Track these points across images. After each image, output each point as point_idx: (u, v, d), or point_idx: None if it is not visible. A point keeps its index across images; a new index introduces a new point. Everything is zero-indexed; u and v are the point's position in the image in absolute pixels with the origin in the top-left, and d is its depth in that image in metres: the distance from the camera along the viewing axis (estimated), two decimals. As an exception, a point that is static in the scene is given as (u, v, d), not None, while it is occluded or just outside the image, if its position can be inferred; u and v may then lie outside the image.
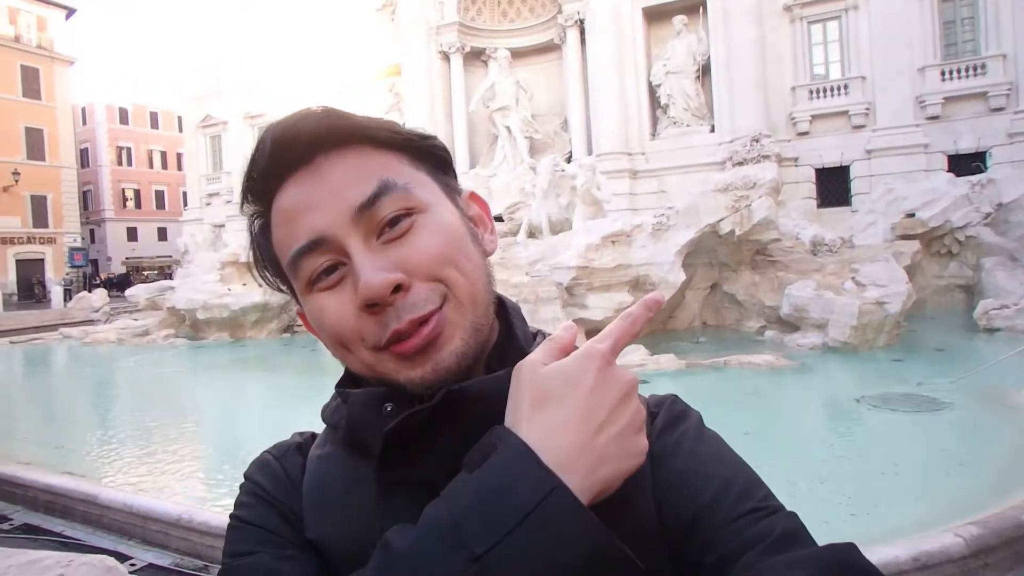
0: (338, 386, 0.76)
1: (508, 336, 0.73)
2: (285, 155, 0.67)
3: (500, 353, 0.72)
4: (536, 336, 0.76)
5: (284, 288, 0.75)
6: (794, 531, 0.60)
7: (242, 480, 0.77)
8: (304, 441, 0.80)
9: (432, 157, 0.73)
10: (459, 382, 0.64)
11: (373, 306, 0.62)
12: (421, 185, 0.69)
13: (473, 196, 0.78)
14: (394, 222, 0.65)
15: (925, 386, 7.74)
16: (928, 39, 18.29)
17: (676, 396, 0.75)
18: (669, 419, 0.71)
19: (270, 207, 0.70)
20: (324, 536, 0.70)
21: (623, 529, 0.60)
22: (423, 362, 0.64)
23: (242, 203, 0.74)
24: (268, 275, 0.75)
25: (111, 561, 2.54)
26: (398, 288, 0.62)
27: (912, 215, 13.86)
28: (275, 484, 0.75)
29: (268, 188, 0.69)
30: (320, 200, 0.65)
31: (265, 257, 0.73)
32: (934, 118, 18.07)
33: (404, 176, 0.68)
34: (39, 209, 37.92)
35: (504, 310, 0.76)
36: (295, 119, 0.68)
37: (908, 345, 10.20)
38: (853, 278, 10.90)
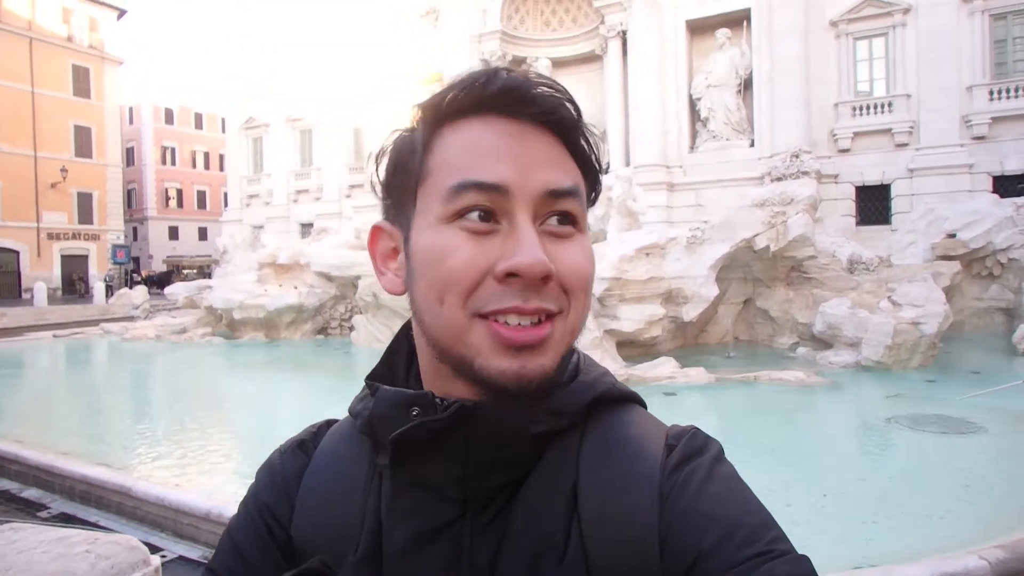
0: (368, 378, 0.76)
1: None
2: (512, 97, 0.65)
3: None
4: (571, 353, 0.74)
5: (392, 197, 0.72)
6: None
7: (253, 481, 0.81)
8: (310, 437, 0.81)
9: (594, 192, 0.74)
10: (534, 396, 0.64)
11: (513, 276, 0.61)
12: (585, 211, 0.70)
13: None
14: (563, 220, 0.66)
15: (953, 406, 7.68)
16: (977, 58, 17.96)
17: (696, 429, 0.71)
18: (684, 455, 0.67)
19: (450, 125, 0.67)
20: (309, 534, 0.73)
21: (622, 570, 0.61)
22: (515, 357, 0.62)
23: (426, 104, 0.69)
24: (388, 179, 0.72)
25: (135, 541, 2.63)
26: (544, 278, 0.62)
27: (953, 235, 13.62)
28: (271, 490, 0.77)
29: (467, 112, 0.66)
30: (519, 157, 0.64)
31: (404, 162, 0.70)
32: (980, 138, 17.73)
33: (583, 194, 0.69)
34: (85, 206, 38.54)
35: None
36: (537, 79, 0.67)
37: (943, 366, 10.06)
38: (889, 297, 10.78)
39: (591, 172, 0.71)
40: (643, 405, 0.76)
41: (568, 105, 0.68)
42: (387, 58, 26.32)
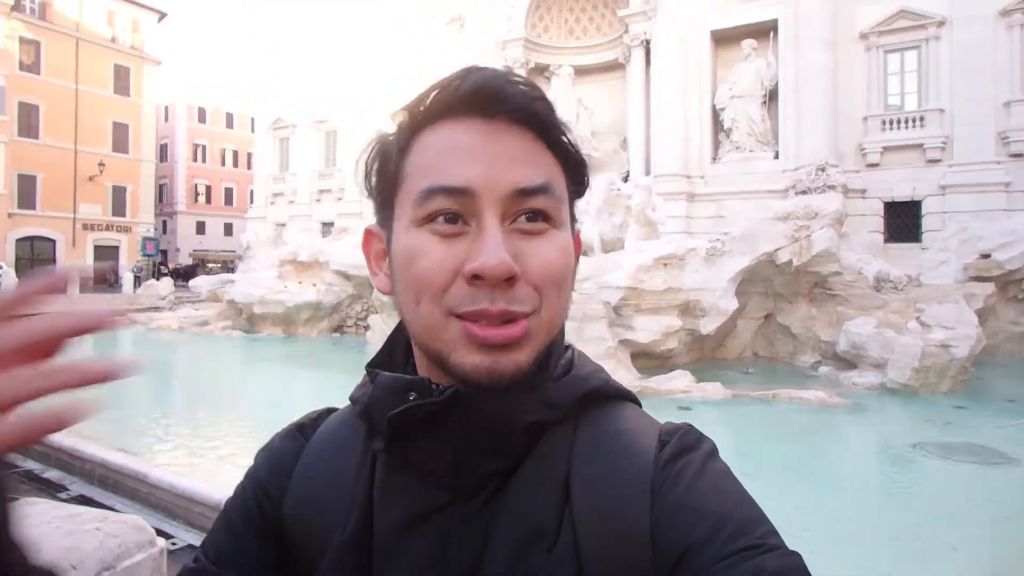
0: (369, 365, 0.77)
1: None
2: (483, 97, 0.66)
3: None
4: (567, 350, 0.76)
5: (376, 201, 0.74)
6: (787, 570, 0.57)
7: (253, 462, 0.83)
8: (310, 422, 0.83)
9: (579, 185, 0.74)
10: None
11: (478, 279, 0.62)
12: (565, 205, 0.70)
13: (577, 235, 0.78)
14: (533, 217, 0.66)
15: (983, 435, 7.34)
16: (1016, 73, 17.45)
17: (690, 426, 0.72)
18: (676, 450, 0.68)
19: (427, 127, 0.68)
20: (300, 514, 0.74)
21: (614, 563, 0.62)
22: (488, 353, 0.63)
23: (407, 107, 0.71)
24: (372, 183, 0.74)
25: (142, 522, 2.70)
26: (509, 278, 0.62)
27: (988, 256, 13.22)
28: (267, 471, 0.79)
29: (441, 113, 0.68)
30: (487, 158, 0.65)
31: (385, 165, 0.72)
32: (1018, 155, 17.13)
33: (560, 190, 0.69)
34: (119, 199, 40.44)
35: None
36: (507, 76, 0.68)
37: (974, 392, 9.70)
38: (918, 318, 10.42)
39: (572, 165, 0.72)
40: (638, 403, 0.77)
41: (541, 99, 0.68)
42: (413, 63, 26.70)
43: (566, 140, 0.70)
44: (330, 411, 0.85)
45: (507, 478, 0.68)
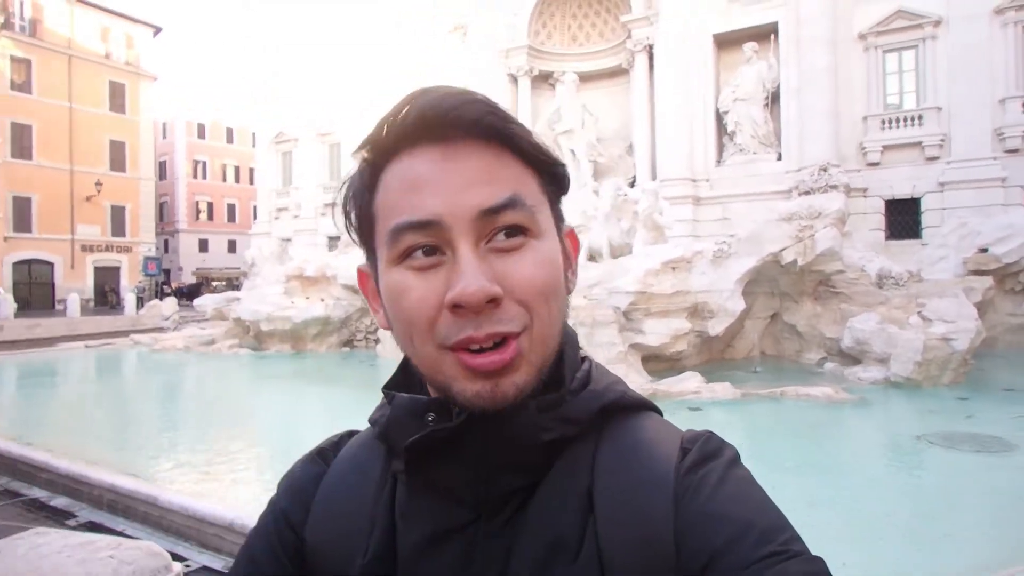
0: (385, 387, 0.77)
1: (557, 362, 0.72)
2: (430, 122, 0.65)
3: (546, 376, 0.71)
4: (583, 362, 0.76)
5: (358, 242, 0.74)
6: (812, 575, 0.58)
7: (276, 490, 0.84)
8: (330, 446, 0.84)
9: (558, 185, 0.73)
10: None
11: (459, 307, 0.62)
12: (543, 211, 0.69)
13: (571, 233, 0.77)
14: (509, 233, 0.65)
15: (986, 424, 7.55)
16: (1010, 70, 17.70)
17: (711, 433, 0.72)
18: (698, 458, 0.68)
19: (388, 163, 0.68)
20: (321, 538, 0.75)
21: (638, 571, 0.62)
22: (487, 380, 0.63)
23: (361, 148, 0.71)
24: (350, 224, 0.74)
25: (156, 547, 2.69)
26: (491, 300, 0.62)
27: (986, 250, 13.42)
28: (289, 497, 0.80)
29: (397, 147, 0.67)
30: (447, 185, 0.64)
31: (358, 207, 0.72)
32: (1013, 151, 17.41)
33: (533, 197, 0.68)
34: (118, 218, 39.44)
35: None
36: (454, 93, 0.67)
37: (975, 383, 9.89)
38: (919, 313, 10.63)
39: (544, 166, 0.71)
40: (658, 412, 0.77)
41: (495, 104, 0.67)
42: (417, 73, 26.48)
43: (531, 144, 0.69)
44: (351, 434, 0.85)
45: (529, 495, 0.68)
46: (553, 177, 0.72)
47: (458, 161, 0.65)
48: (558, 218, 0.73)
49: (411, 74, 26.73)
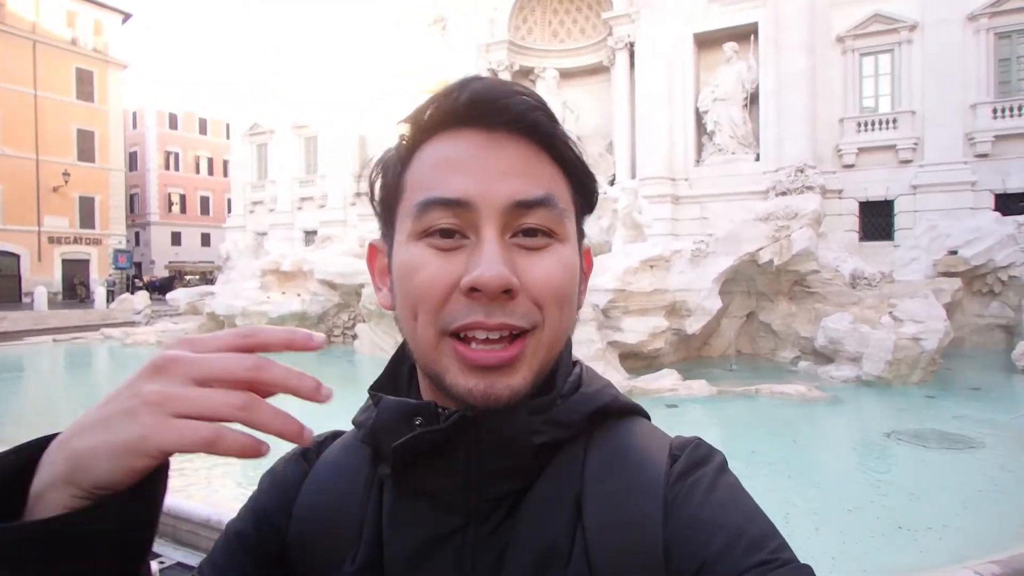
0: (372, 389, 0.76)
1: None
2: (480, 107, 0.65)
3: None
4: (575, 366, 0.75)
5: (378, 212, 0.73)
6: None
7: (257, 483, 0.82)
8: (314, 446, 0.81)
9: (586, 200, 0.73)
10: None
11: (475, 291, 0.61)
12: (570, 217, 0.69)
13: (587, 252, 0.77)
14: (533, 232, 0.65)
15: (952, 422, 7.74)
16: (982, 76, 18.10)
17: (700, 440, 0.72)
18: (688, 464, 0.67)
19: (428, 140, 0.68)
20: (305, 542, 0.74)
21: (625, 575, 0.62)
22: (482, 376, 0.63)
23: (404, 121, 0.71)
24: (375, 195, 0.74)
25: None
26: (507, 291, 0.61)
27: (955, 252, 13.69)
28: (270, 497, 0.78)
29: (441, 126, 0.67)
30: (485, 169, 0.64)
31: (386, 177, 0.72)
32: (983, 156, 17.84)
33: (564, 202, 0.68)
34: (87, 210, 38.31)
35: None
36: (508, 86, 0.67)
37: (943, 382, 10.12)
38: (891, 313, 10.84)
39: (578, 177, 0.71)
40: (647, 417, 0.77)
41: (544, 103, 0.67)
42: (394, 66, 26.26)
43: (571, 152, 0.69)
44: (336, 434, 0.83)
45: (520, 498, 0.67)
46: (583, 189, 0.72)
47: (499, 149, 0.65)
48: (580, 232, 0.73)
49: (388, 67, 26.48)
